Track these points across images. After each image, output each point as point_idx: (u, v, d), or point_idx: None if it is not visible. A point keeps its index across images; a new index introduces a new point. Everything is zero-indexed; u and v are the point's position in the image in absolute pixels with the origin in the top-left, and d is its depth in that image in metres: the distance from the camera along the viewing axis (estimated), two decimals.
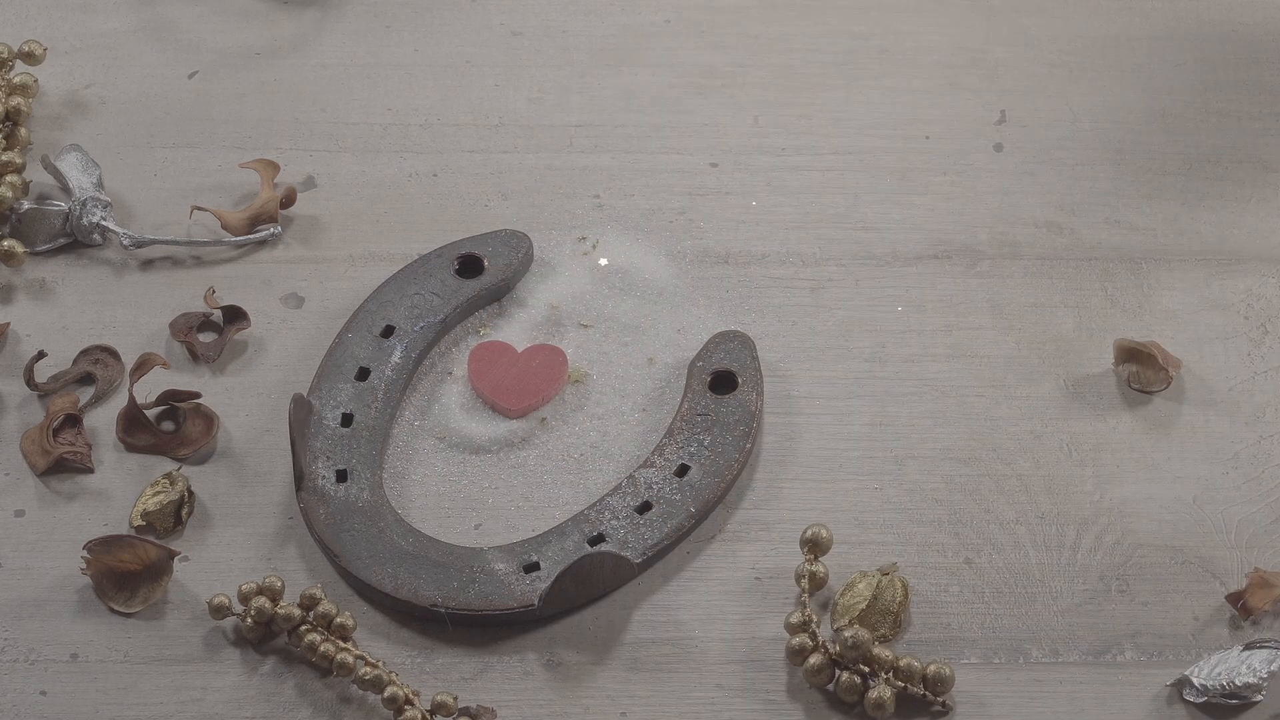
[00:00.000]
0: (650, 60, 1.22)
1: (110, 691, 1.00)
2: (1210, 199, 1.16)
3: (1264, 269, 1.13)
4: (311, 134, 1.19)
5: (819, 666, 0.99)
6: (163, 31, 1.23)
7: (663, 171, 1.17)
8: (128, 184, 1.17)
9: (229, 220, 1.14)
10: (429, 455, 1.07)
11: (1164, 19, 1.24)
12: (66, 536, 1.04)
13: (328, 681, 1.00)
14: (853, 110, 1.20)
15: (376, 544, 1.03)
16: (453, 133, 1.19)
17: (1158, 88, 1.21)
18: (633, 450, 1.07)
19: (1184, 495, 1.06)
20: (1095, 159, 1.18)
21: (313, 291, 1.13)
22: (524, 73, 1.21)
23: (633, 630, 1.02)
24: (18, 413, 1.09)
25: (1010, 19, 1.24)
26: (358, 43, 1.23)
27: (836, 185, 1.17)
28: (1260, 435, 1.08)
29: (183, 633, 1.02)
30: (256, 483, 1.06)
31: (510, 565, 1.02)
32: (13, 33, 1.22)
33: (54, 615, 1.02)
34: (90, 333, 1.11)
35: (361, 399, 1.07)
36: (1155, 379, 1.09)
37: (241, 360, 1.10)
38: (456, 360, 1.11)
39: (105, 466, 1.07)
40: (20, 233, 1.15)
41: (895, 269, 1.14)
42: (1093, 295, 1.13)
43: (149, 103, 1.20)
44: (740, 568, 1.04)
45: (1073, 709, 0.99)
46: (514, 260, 1.12)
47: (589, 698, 1.00)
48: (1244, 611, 1.01)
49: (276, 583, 1.01)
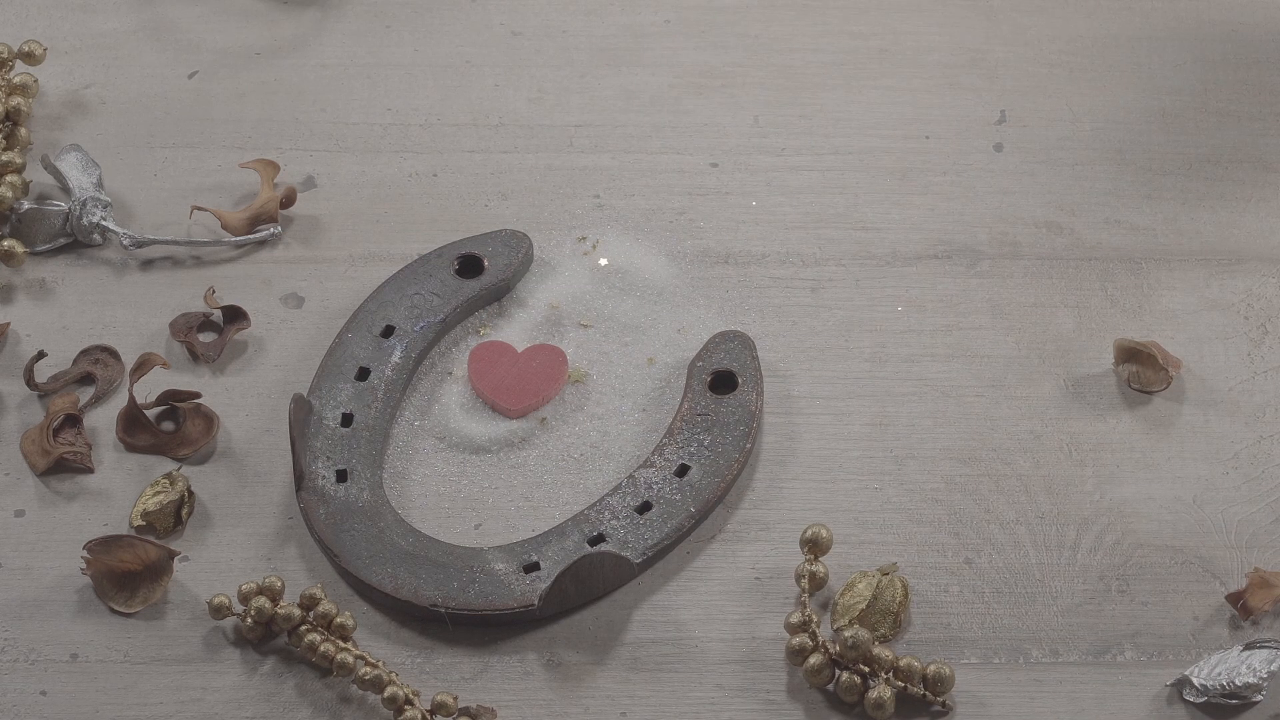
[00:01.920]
0: (650, 60, 1.22)
1: (110, 691, 1.00)
2: (1210, 199, 1.16)
3: (1264, 269, 1.13)
4: (311, 134, 1.19)
5: (819, 666, 0.99)
6: (163, 31, 1.23)
7: (663, 171, 1.17)
8: (128, 184, 1.17)
9: (229, 220, 1.14)
10: (429, 455, 1.08)
11: (1164, 19, 1.24)
12: (66, 536, 1.04)
13: (328, 681, 1.00)
14: (853, 110, 1.20)
15: (376, 544, 1.03)
16: (453, 133, 1.19)
17: (1158, 88, 1.21)
18: (633, 450, 1.07)
19: (1184, 495, 1.06)
20: (1095, 159, 1.18)
21: (313, 291, 1.13)
22: (524, 73, 1.21)
23: (633, 630, 1.02)
24: (18, 413, 1.09)
25: (1010, 19, 1.24)
26: (358, 43, 1.23)
27: (836, 185, 1.17)
28: (1260, 435, 1.08)
29: (183, 633, 1.02)
30: (256, 483, 1.06)
31: (510, 565, 1.02)
32: (13, 33, 1.22)
33: (54, 615, 1.02)
34: (90, 333, 1.11)
35: (361, 399, 1.07)
36: (1155, 379, 1.09)
37: (241, 360, 1.10)
38: (456, 360, 1.11)
39: (105, 466, 1.07)
40: (20, 233, 1.15)
41: (895, 269, 1.14)
42: (1093, 295, 1.13)
43: (149, 103, 1.20)
44: (740, 568, 1.04)
45: (1073, 709, 0.99)
46: (514, 260, 1.12)
47: (589, 698, 1.00)
48: (1244, 611, 1.01)
49: (276, 583, 1.01)
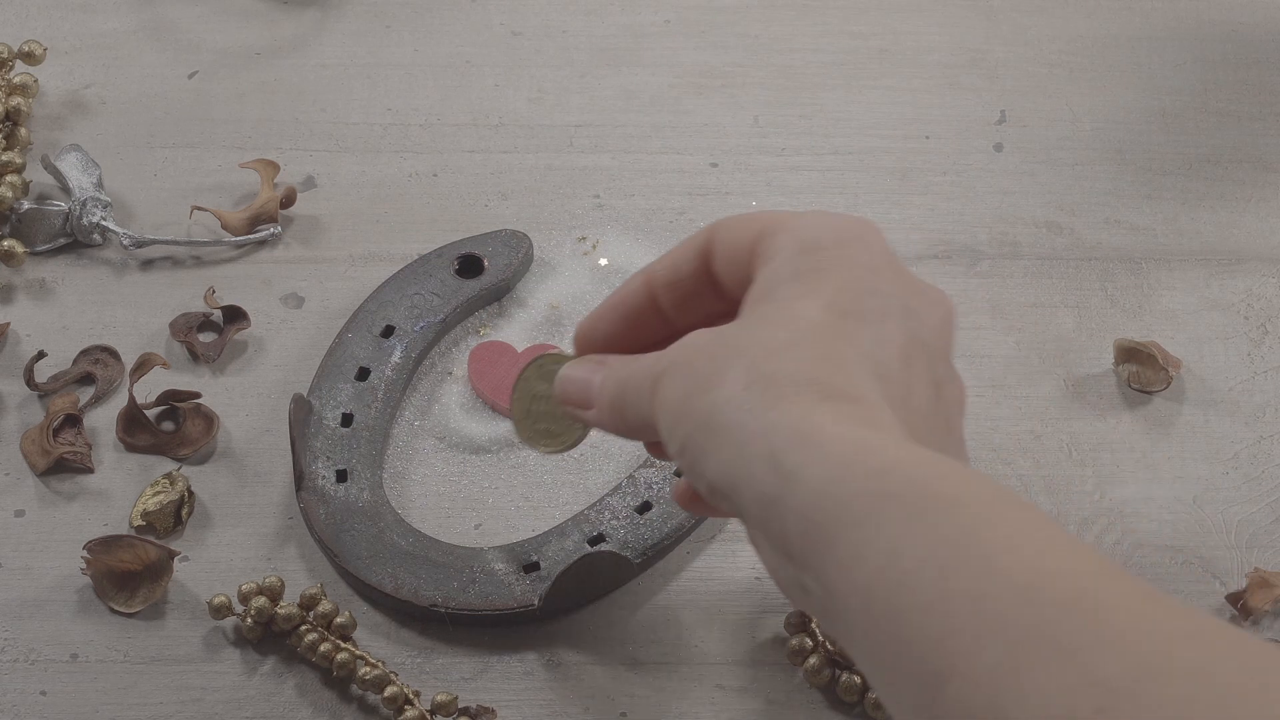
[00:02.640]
0: (650, 60, 1.22)
1: (110, 691, 1.00)
2: (1210, 199, 1.16)
3: (1264, 269, 1.14)
4: (311, 134, 1.19)
5: (819, 666, 0.99)
6: (163, 31, 1.23)
7: (663, 171, 1.17)
8: (128, 184, 1.17)
9: (229, 220, 1.14)
10: (429, 455, 1.08)
11: (1164, 19, 1.24)
12: (66, 536, 1.04)
13: (328, 681, 1.00)
14: (853, 110, 1.20)
15: (376, 544, 1.03)
16: (453, 133, 1.19)
17: (1158, 88, 1.21)
18: (633, 450, 1.07)
19: (1184, 495, 1.06)
20: (1095, 159, 1.18)
21: (313, 291, 1.13)
22: (524, 73, 1.21)
23: (633, 630, 1.02)
24: (18, 413, 1.09)
25: (1010, 19, 1.24)
26: (358, 43, 1.23)
27: (836, 185, 1.17)
28: (1260, 435, 1.08)
29: (183, 633, 1.02)
30: (256, 483, 1.06)
31: (510, 565, 1.02)
32: (13, 33, 1.22)
33: (54, 615, 1.02)
34: (90, 333, 1.11)
35: (361, 399, 1.07)
36: (1155, 379, 1.09)
37: (241, 360, 1.11)
38: (456, 360, 1.11)
39: (105, 466, 1.07)
40: (20, 233, 1.15)
41: None
42: (1093, 295, 1.13)
43: (149, 103, 1.20)
44: (740, 568, 1.04)
45: None
46: (514, 260, 1.12)
47: (589, 698, 1.00)
48: (1244, 611, 1.01)
49: (276, 583, 1.01)
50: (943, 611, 0.70)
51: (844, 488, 0.75)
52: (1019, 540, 0.71)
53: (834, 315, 0.82)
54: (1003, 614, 0.69)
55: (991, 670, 0.68)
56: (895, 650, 0.72)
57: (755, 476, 0.77)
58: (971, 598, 0.70)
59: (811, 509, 0.75)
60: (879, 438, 0.76)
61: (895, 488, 0.74)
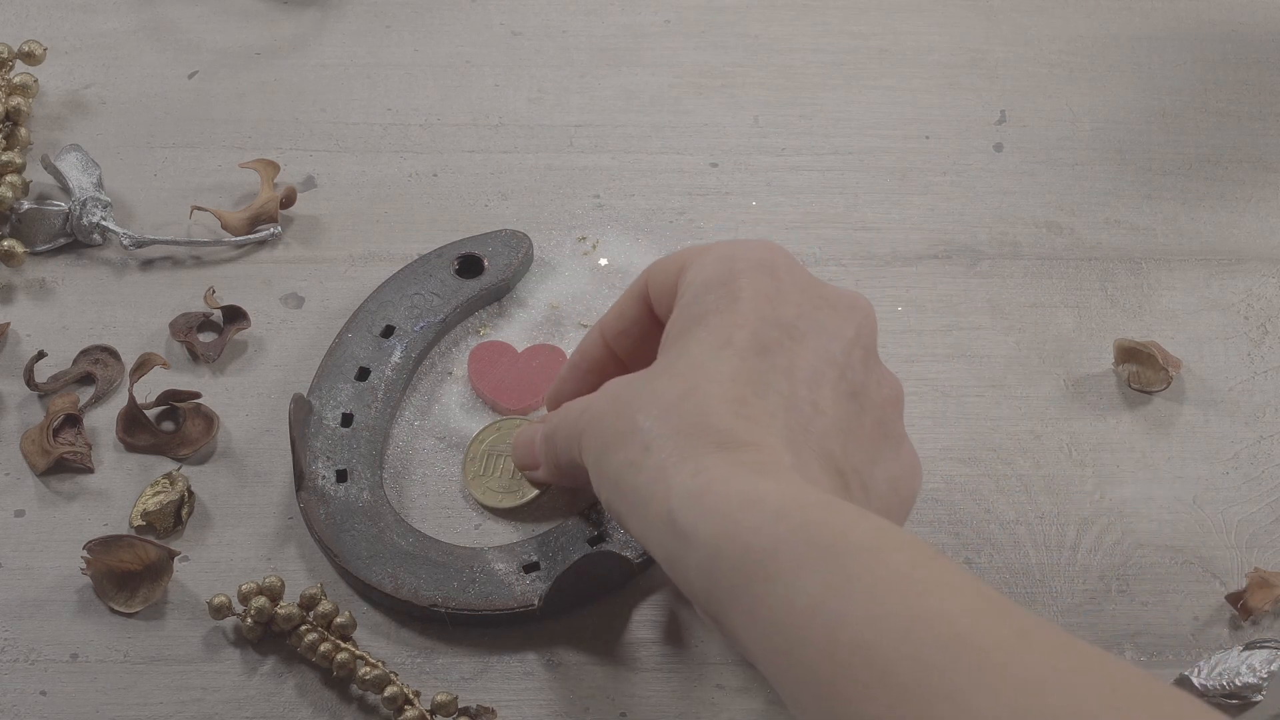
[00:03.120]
0: (650, 60, 1.22)
1: (110, 691, 1.00)
2: (1210, 199, 1.16)
3: (1264, 269, 1.14)
4: (311, 134, 1.19)
5: None
6: (163, 31, 1.23)
7: (663, 171, 1.17)
8: (128, 184, 1.17)
9: (229, 220, 1.14)
10: (429, 455, 1.08)
11: (1164, 19, 1.24)
12: (66, 536, 1.04)
13: (328, 681, 1.00)
14: (853, 110, 1.20)
15: (376, 544, 1.03)
16: (453, 133, 1.19)
17: (1158, 88, 1.21)
18: None
19: (1184, 495, 1.06)
20: (1095, 159, 1.18)
21: (313, 291, 1.13)
22: (524, 73, 1.21)
23: (633, 630, 1.02)
24: (18, 413, 1.09)
25: (1010, 19, 1.24)
26: (358, 43, 1.23)
27: (836, 185, 1.17)
28: (1260, 435, 1.08)
29: (183, 633, 1.02)
30: (256, 483, 1.06)
31: (510, 565, 1.02)
32: (13, 33, 1.22)
33: (54, 615, 1.02)
34: (90, 333, 1.11)
35: (361, 399, 1.07)
36: (1155, 379, 1.09)
37: (241, 360, 1.10)
38: (456, 360, 1.11)
39: (105, 466, 1.07)
40: (20, 233, 1.15)
41: (895, 269, 1.14)
42: (1093, 295, 1.13)
43: (149, 103, 1.20)
44: None
45: None
46: (514, 260, 1.12)
47: (589, 698, 1.00)
48: (1244, 611, 1.01)
49: (276, 583, 1.01)
50: (833, 662, 0.76)
51: (735, 544, 0.80)
52: (899, 581, 0.76)
53: (732, 355, 0.87)
54: (887, 663, 0.74)
55: (881, 716, 0.74)
56: (796, 689, 0.78)
57: (658, 538, 0.84)
58: (858, 648, 0.75)
59: (709, 566, 0.81)
60: (767, 485, 0.82)
61: (784, 537, 0.79)
